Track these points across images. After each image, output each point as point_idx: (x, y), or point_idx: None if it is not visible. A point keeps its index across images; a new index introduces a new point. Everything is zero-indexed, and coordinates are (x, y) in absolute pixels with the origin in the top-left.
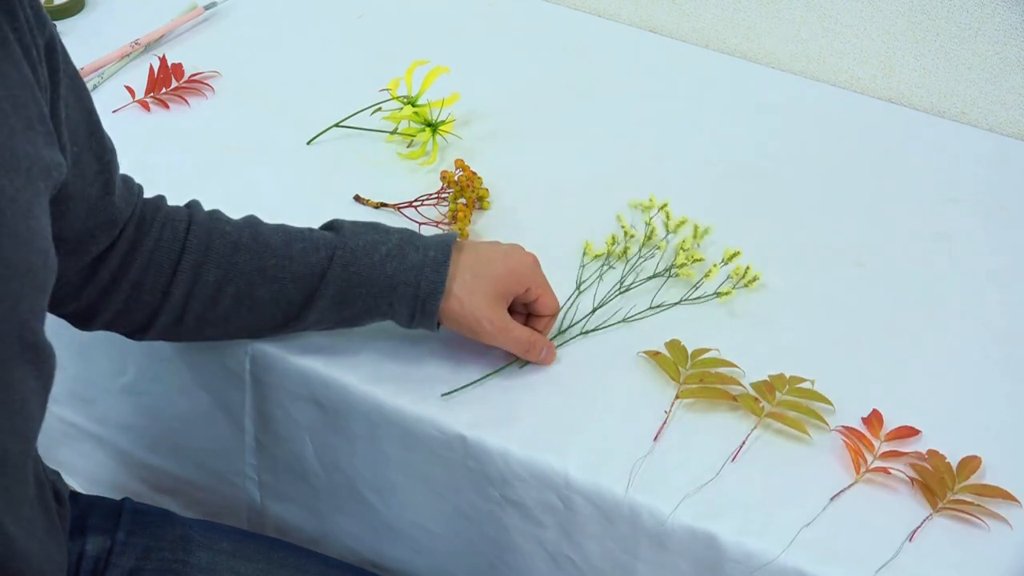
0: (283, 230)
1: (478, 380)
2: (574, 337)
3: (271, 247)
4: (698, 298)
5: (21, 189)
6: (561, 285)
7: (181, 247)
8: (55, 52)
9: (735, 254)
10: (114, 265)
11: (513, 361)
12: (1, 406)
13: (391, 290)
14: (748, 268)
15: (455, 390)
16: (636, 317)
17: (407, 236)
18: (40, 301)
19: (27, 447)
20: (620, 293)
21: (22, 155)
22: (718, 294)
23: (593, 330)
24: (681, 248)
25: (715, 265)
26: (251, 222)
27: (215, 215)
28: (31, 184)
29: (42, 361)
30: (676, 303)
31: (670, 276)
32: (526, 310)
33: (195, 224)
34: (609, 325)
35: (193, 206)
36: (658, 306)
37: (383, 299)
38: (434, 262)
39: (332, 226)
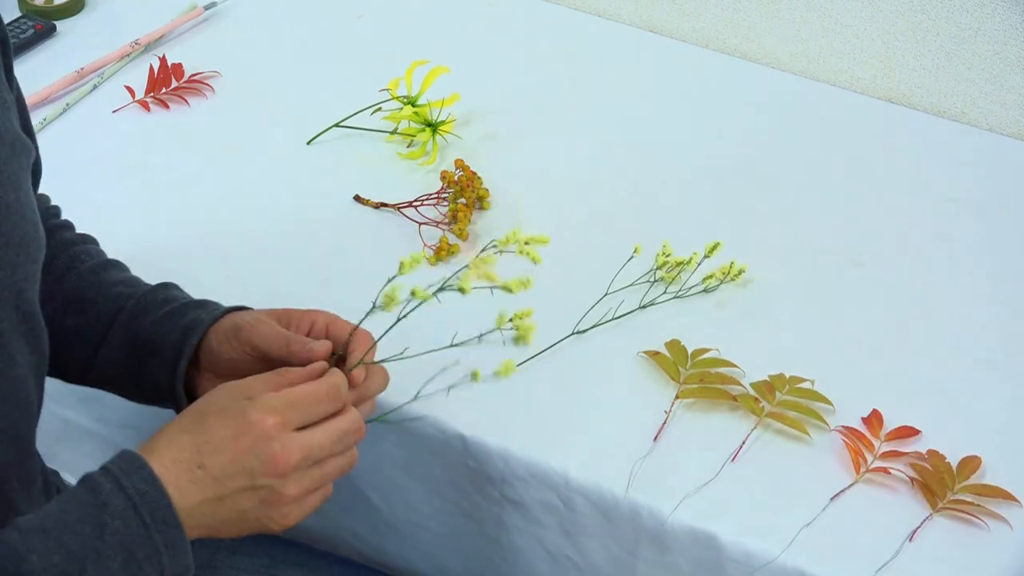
0: (128, 279)
1: None
2: (568, 336)
3: (99, 282)
4: (688, 292)
5: (8, 161)
6: (563, 285)
7: None
8: (7, 43)
9: (716, 246)
10: None
11: None
12: (3, 377)
13: (161, 338)
14: (733, 263)
15: None
16: (626, 315)
17: (203, 300)
18: (34, 272)
19: (32, 423)
20: (640, 307)
21: (3, 130)
22: (705, 290)
23: (586, 330)
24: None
25: (695, 254)
26: (111, 262)
27: (85, 239)
28: (16, 158)
29: (36, 335)
30: (668, 299)
31: (656, 281)
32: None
33: (53, 241)
34: (603, 322)
35: (70, 226)
36: (650, 304)
37: (154, 347)
38: (211, 313)
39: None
